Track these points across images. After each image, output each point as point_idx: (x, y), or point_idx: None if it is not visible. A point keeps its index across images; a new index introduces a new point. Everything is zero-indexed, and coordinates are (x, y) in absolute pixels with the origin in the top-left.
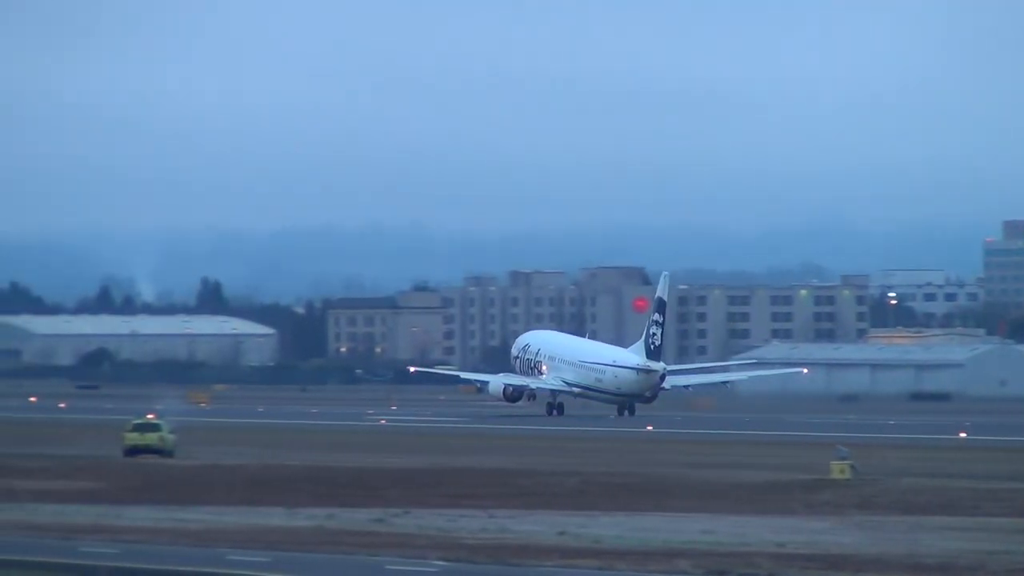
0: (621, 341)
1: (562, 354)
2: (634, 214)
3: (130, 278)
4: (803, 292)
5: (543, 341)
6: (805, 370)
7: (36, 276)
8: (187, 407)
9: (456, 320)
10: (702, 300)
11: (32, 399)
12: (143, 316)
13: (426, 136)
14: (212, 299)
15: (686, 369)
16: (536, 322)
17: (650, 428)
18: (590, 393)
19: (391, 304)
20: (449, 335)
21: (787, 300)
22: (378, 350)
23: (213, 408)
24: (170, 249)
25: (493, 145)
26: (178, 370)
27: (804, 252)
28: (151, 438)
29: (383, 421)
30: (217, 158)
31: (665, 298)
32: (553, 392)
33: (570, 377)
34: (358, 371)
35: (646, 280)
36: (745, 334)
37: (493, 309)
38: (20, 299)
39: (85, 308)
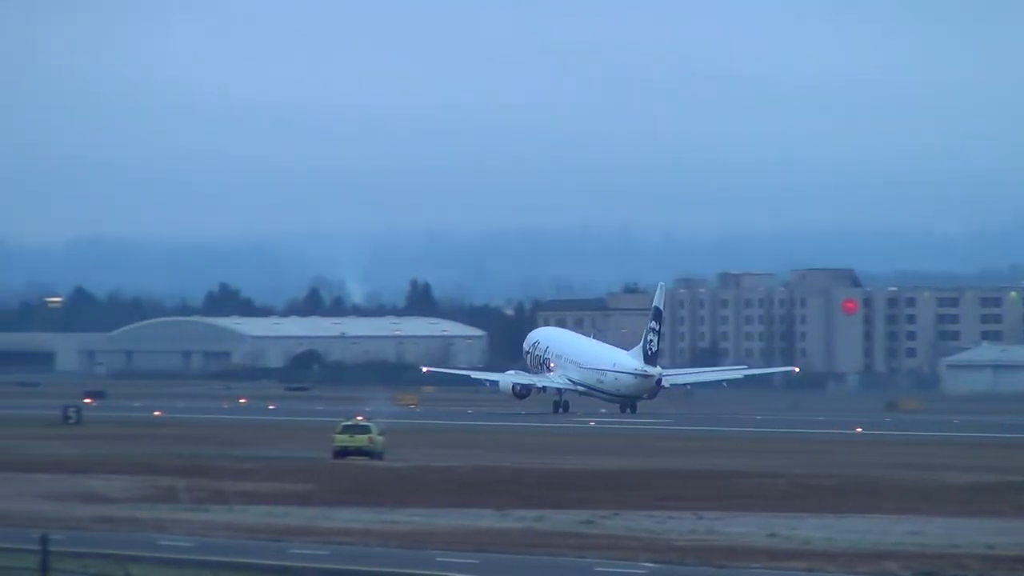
0: (831, 343)
1: (568, 354)
2: (841, 215)
3: (340, 280)
4: (1013, 294)
5: (552, 339)
6: (796, 369)
7: (246, 278)
8: (396, 409)
9: (665, 322)
10: (911, 302)
11: (242, 400)
12: (352, 318)
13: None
14: (421, 301)
15: (683, 372)
16: (746, 324)
17: (859, 430)
18: (593, 393)
19: (600, 306)
20: None
21: (996, 302)
22: None
23: (422, 410)
24: (380, 251)
25: (702, 146)
26: (387, 372)
27: (1014, 253)
28: (360, 440)
29: (592, 423)
30: (427, 160)
31: (661, 307)
32: (559, 391)
33: (575, 376)
34: None
35: (856, 282)
36: (955, 336)
37: (702, 311)
38: (230, 301)
39: (295, 310)
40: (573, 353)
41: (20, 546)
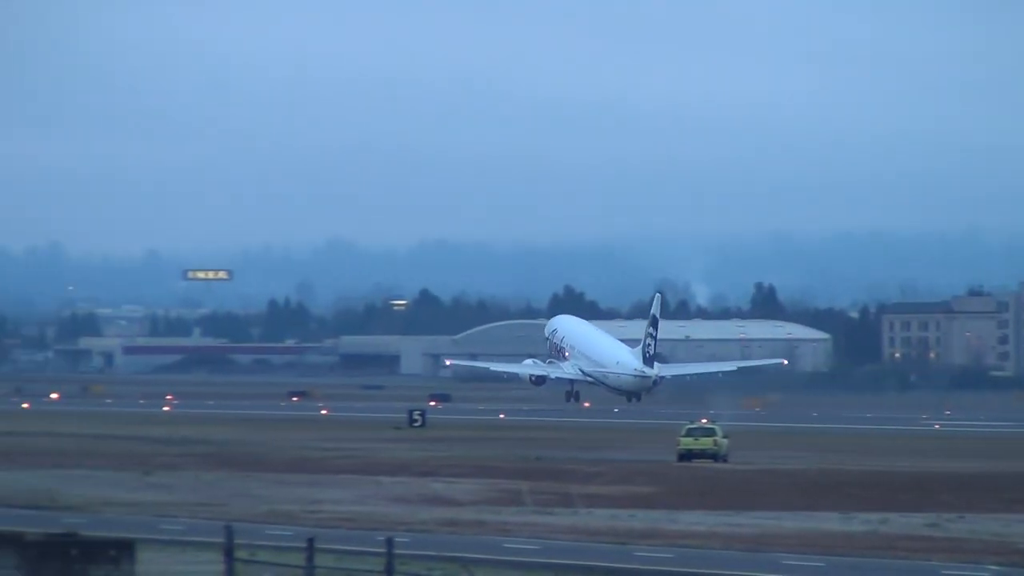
0: None
1: (580, 345)
2: None
3: (684, 282)
4: None
5: (567, 329)
6: (785, 361)
7: (591, 281)
8: (740, 412)
9: (1010, 326)
10: None
11: (585, 404)
12: (697, 320)
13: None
14: (766, 303)
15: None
16: None
17: None
18: (599, 385)
19: (944, 309)
20: (1003, 340)
21: None
22: (932, 356)
23: (767, 413)
24: (724, 253)
25: None
26: (730, 375)
27: None
28: (705, 442)
29: (937, 426)
30: (770, 162)
31: (658, 315)
32: (571, 381)
33: (585, 367)
34: (912, 377)
35: None
36: None
37: None
38: (575, 304)
39: (639, 312)
40: (584, 346)
41: (365, 548)
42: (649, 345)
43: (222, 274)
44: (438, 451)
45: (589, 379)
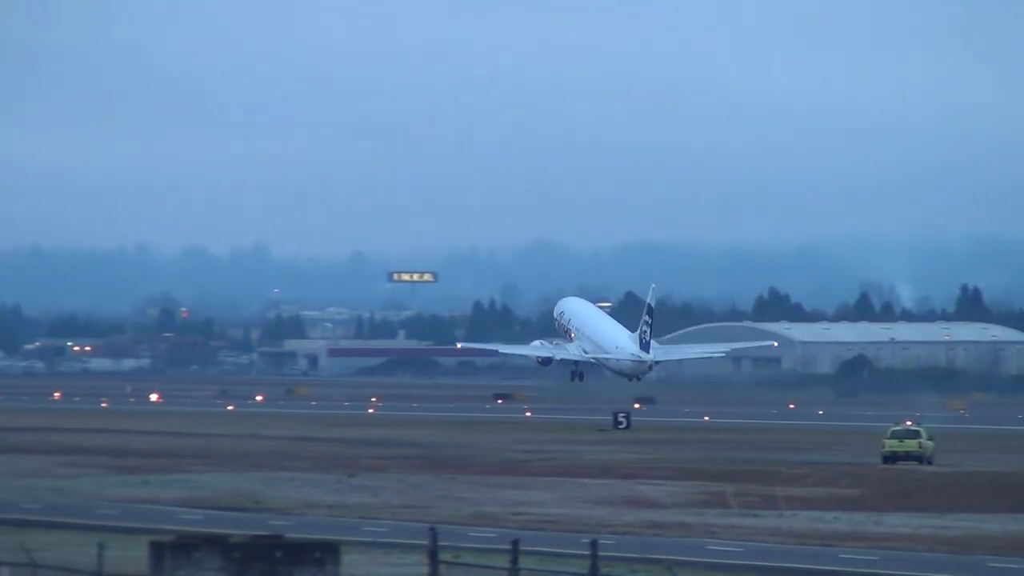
0: None
1: (584, 328)
2: None
3: (888, 284)
4: None
5: (574, 312)
6: (775, 343)
7: (795, 283)
8: (945, 414)
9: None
10: None
11: (791, 406)
12: (901, 323)
13: None
14: (971, 306)
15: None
16: None
17: None
18: (601, 366)
19: None
20: None
21: None
22: None
23: (971, 415)
24: (929, 254)
25: None
26: (936, 378)
27: None
28: (910, 445)
29: None
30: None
31: (653, 305)
32: (576, 362)
33: (588, 349)
34: None
35: None
36: None
37: None
38: (779, 306)
39: (844, 315)
40: (589, 329)
41: (569, 551)
42: (645, 332)
43: (427, 276)
44: (642, 453)
45: (592, 360)
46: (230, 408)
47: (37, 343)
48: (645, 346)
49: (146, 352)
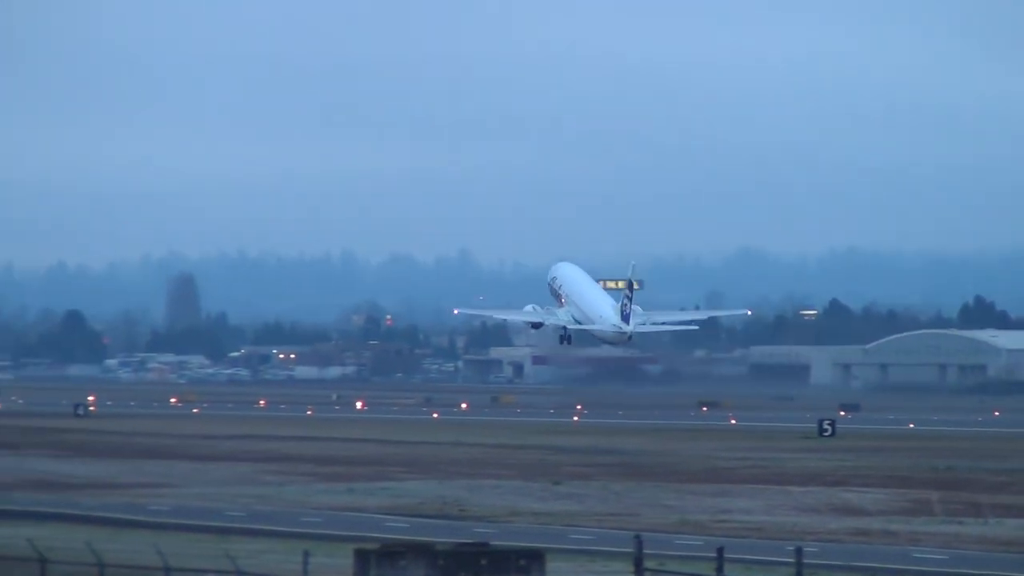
0: None
1: (573, 295)
2: None
3: None
4: None
5: (565, 278)
6: (749, 311)
7: (1002, 290)
8: None
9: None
10: None
11: (995, 413)
12: None
13: None
14: None
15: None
16: None
17: None
18: (587, 332)
19: None
20: None
21: None
22: None
23: None
24: None
25: None
26: None
27: None
28: None
29: None
30: None
31: (633, 281)
32: (564, 327)
33: (576, 315)
34: None
35: None
36: None
37: None
38: (986, 314)
39: None
40: (577, 296)
41: (775, 558)
42: (626, 305)
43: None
44: (847, 461)
45: (580, 326)
46: (435, 416)
47: (242, 350)
48: (626, 318)
49: (351, 360)
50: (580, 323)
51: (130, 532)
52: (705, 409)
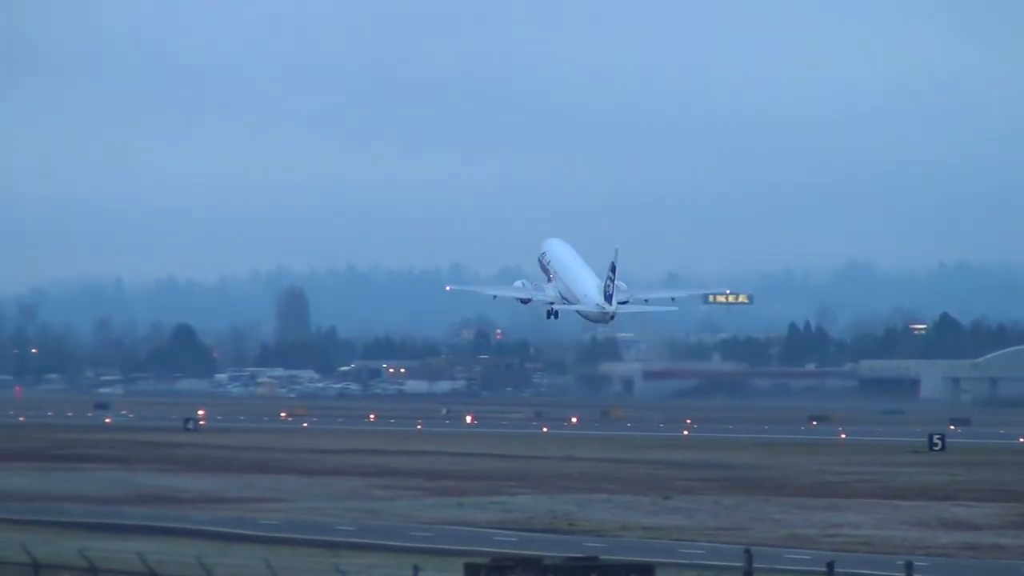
0: None
1: (561, 271)
2: None
3: None
4: None
5: (554, 254)
6: (738, 295)
7: None
8: None
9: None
10: None
11: None
12: None
13: None
14: None
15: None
16: None
17: None
18: (572, 309)
19: None
20: None
21: None
22: None
23: None
24: None
25: None
26: None
27: None
28: None
29: None
30: None
31: (615, 263)
32: (551, 302)
33: (563, 292)
34: None
35: None
36: None
37: None
38: None
39: None
40: (564, 273)
41: (885, 573)
42: (608, 286)
43: (742, 298)
44: (958, 475)
45: (565, 302)
46: (544, 430)
47: (352, 365)
48: (608, 298)
49: (461, 374)
50: (566, 300)
51: (240, 546)
52: (815, 423)
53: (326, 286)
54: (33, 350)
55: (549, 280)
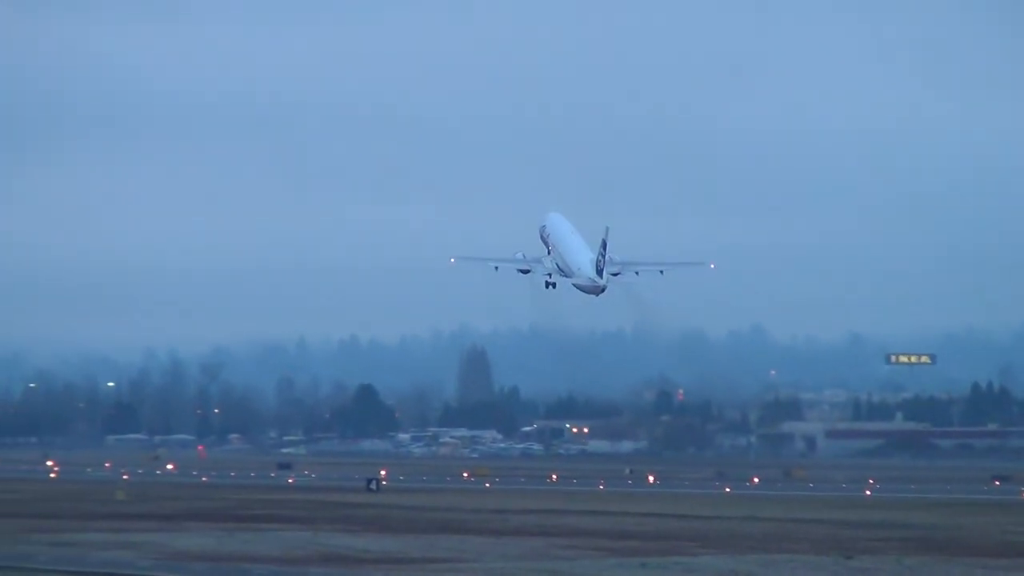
0: None
1: (558, 245)
2: None
3: None
4: None
5: (553, 228)
6: (712, 265)
7: None
8: None
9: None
10: None
11: None
12: None
13: None
14: None
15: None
16: None
17: None
18: (568, 281)
19: None
20: None
21: None
22: None
23: None
24: None
25: None
26: None
27: None
28: None
29: None
30: None
31: (607, 240)
32: (549, 273)
33: (560, 264)
34: None
35: None
36: None
37: None
38: None
39: None
40: (562, 247)
41: None
42: (600, 260)
43: (924, 358)
44: None
45: (562, 274)
46: (727, 490)
47: (535, 425)
48: (600, 272)
49: (643, 434)
50: (563, 272)
51: None
52: (997, 483)
53: (507, 345)
54: (216, 410)
55: (548, 253)
